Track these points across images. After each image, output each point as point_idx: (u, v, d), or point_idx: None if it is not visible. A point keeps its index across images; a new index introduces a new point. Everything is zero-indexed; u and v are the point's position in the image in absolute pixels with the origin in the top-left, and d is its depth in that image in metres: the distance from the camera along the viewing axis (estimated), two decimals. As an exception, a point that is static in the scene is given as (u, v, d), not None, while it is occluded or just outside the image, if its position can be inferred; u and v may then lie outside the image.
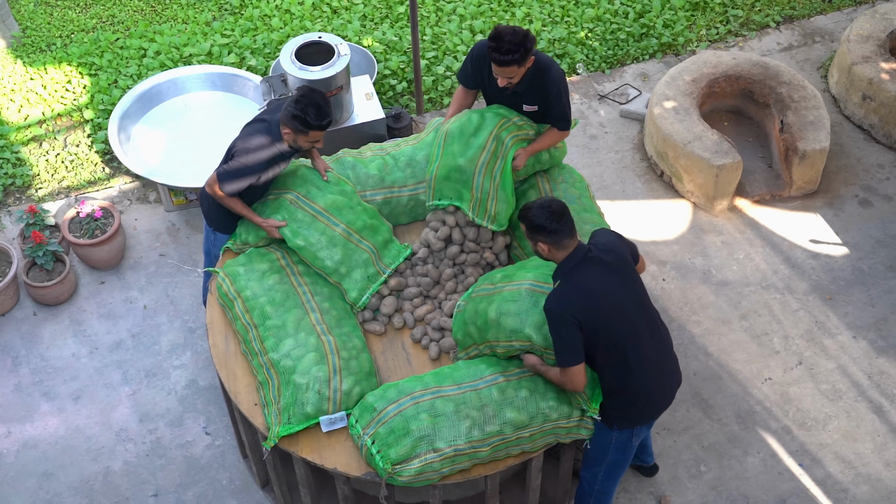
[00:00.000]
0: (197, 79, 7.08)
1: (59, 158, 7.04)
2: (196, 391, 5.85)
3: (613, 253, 4.30)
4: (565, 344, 4.17)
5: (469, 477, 4.46)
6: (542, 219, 4.18)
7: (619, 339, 4.23)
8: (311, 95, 4.80)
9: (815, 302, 6.25)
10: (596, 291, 4.17)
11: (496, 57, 4.81)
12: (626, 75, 7.73)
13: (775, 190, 6.83)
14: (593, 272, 4.20)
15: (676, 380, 4.56)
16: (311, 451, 4.51)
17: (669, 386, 4.52)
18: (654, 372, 4.38)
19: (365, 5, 8.21)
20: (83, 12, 8.26)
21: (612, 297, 4.20)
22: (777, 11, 8.23)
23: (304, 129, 4.79)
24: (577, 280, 4.19)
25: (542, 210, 4.20)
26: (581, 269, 4.20)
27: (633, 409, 4.43)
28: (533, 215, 4.22)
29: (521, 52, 4.78)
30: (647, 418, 4.50)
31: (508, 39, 4.75)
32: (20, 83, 7.47)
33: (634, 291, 4.33)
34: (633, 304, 4.30)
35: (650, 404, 4.47)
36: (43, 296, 6.17)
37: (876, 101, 7.07)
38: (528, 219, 4.23)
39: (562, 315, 4.13)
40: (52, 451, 5.61)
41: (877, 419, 5.70)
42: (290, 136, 4.86)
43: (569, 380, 4.26)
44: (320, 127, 4.80)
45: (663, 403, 4.51)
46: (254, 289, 4.91)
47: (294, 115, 4.77)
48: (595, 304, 4.16)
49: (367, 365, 4.71)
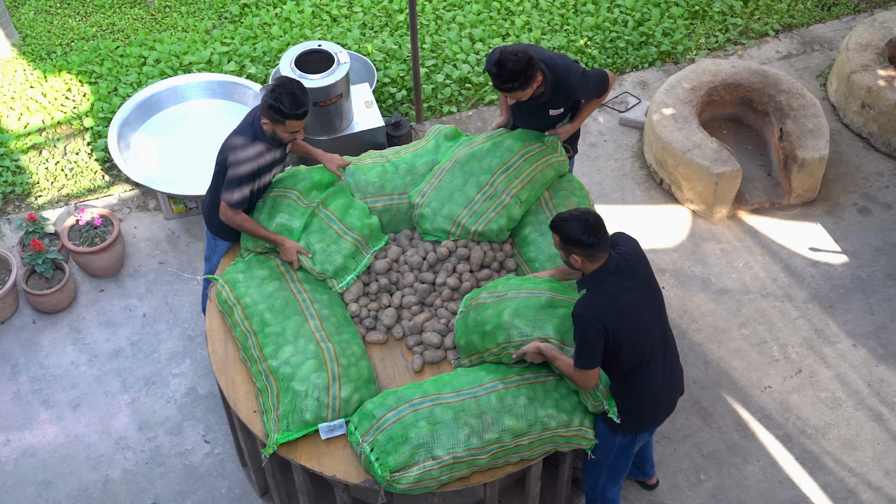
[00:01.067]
0: (197, 87, 7.09)
1: (58, 166, 7.04)
2: (195, 399, 5.84)
3: (639, 263, 4.29)
4: (589, 348, 4.16)
5: (468, 485, 4.45)
6: (578, 232, 4.12)
7: (639, 349, 4.25)
8: (287, 84, 4.75)
9: (814, 310, 6.24)
10: (623, 301, 4.17)
11: (498, 84, 4.92)
12: (625, 83, 7.74)
13: (774, 198, 6.83)
14: (621, 282, 4.19)
15: (680, 389, 4.60)
16: (310, 458, 4.50)
17: (674, 395, 4.56)
18: (663, 381, 4.42)
19: (365, 14, 8.22)
20: (83, 20, 8.27)
21: (636, 307, 4.21)
22: (776, 20, 8.25)
23: (281, 119, 4.76)
24: (606, 290, 4.18)
25: (577, 223, 4.13)
26: (611, 280, 4.18)
27: (639, 416, 4.45)
28: (569, 227, 4.15)
29: (521, 80, 4.89)
30: (651, 425, 4.54)
31: (510, 68, 4.85)
32: (20, 91, 7.48)
33: (654, 302, 4.34)
34: (653, 315, 4.31)
35: (656, 412, 4.50)
36: (42, 304, 6.16)
37: (875, 109, 7.08)
38: (563, 231, 4.16)
39: (590, 322, 4.11)
40: (51, 460, 5.61)
41: (877, 427, 5.70)
42: (269, 127, 4.85)
43: (581, 378, 4.27)
44: (296, 116, 4.76)
45: (667, 411, 4.55)
46: (253, 296, 4.91)
47: (269, 106, 4.74)
48: (622, 315, 4.15)
49: (366, 372, 4.71)
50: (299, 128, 4.86)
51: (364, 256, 5.10)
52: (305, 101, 4.77)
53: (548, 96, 5.12)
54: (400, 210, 5.34)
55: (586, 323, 4.13)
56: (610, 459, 4.65)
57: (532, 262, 5.10)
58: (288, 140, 4.94)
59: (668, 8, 8.25)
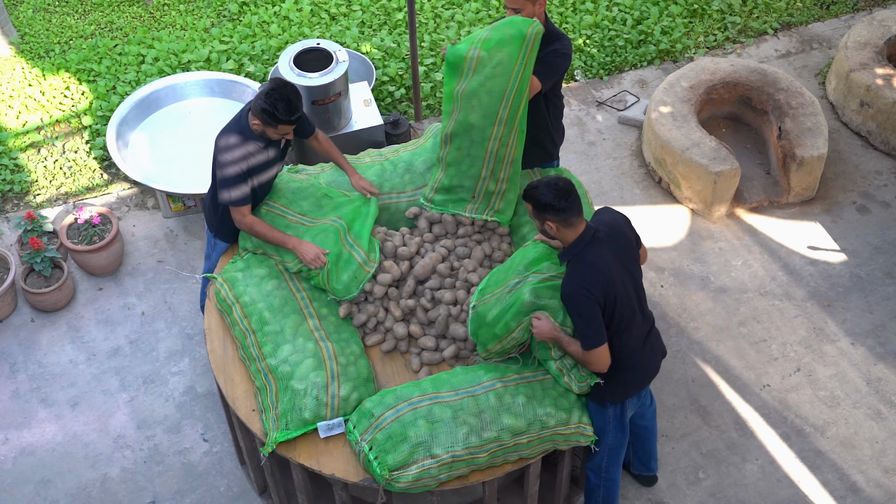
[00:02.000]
0: (195, 85, 7.09)
1: (57, 165, 7.04)
2: (194, 398, 5.84)
3: (617, 231, 4.34)
4: (589, 325, 4.18)
5: (467, 483, 4.45)
6: (549, 197, 4.16)
7: (620, 316, 4.28)
8: (282, 89, 4.74)
9: (813, 308, 6.25)
10: (603, 269, 4.19)
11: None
12: (624, 82, 7.74)
13: (773, 196, 6.83)
14: (600, 251, 4.22)
15: (661, 351, 4.65)
16: (309, 457, 4.50)
17: (654, 357, 4.60)
18: (642, 345, 4.47)
19: (363, 12, 8.22)
20: (81, 19, 8.26)
21: (615, 274, 4.24)
22: (775, 18, 8.25)
23: (273, 123, 4.76)
24: (586, 260, 4.20)
25: (548, 188, 4.18)
26: (589, 249, 4.22)
27: (623, 382, 4.50)
28: (540, 194, 4.19)
29: None
30: (636, 388, 4.57)
31: None
32: (18, 89, 7.47)
33: (631, 268, 4.38)
34: (631, 281, 4.36)
35: (639, 375, 4.55)
36: (41, 302, 6.16)
37: (874, 107, 7.08)
38: (535, 198, 4.20)
39: (582, 296, 4.14)
40: (49, 458, 5.60)
41: (875, 425, 5.70)
42: (258, 127, 4.83)
43: (594, 360, 4.28)
44: (289, 122, 4.76)
45: (650, 373, 4.60)
46: (252, 294, 4.91)
47: (263, 109, 4.73)
48: (605, 282, 4.18)
49: (365, 371, 4.71)
50: (289, 131, 4.87)
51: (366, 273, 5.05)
52: (299, 106, 4.77)
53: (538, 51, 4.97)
54: (398, 209, 5.34)
55: (578, 299, 4.15)
56: (609, 439, 4.68)
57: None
58: (277, 139, 4.93)
59: (666, 6, 8.25)
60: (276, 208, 5.14)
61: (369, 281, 4.93)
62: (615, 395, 4.54)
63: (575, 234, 4.24)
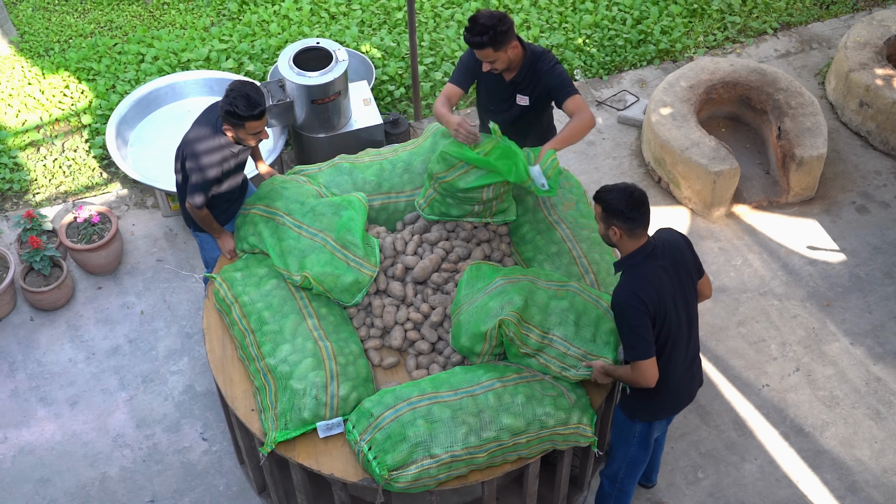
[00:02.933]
0: (195, 84, 7.09)
1: (56, 163, 7.04)
2: (193, 397, 5.84)
3: (676, 250, 4.29)
4: (637, 336, 4.12)
5: (466, 483, 4.45)
6: (622, 204, 4.10)
7: (666, 334, 4.23)
8: (241, 87, 4.74)
9: (812, 308, 6.25)
10: (656, 284, 4.15)
11: (468, 38, 4.86)
12: (623, 81, 7.74)
13: (773, 196, 6.83)
14: (655, 266, 4.18)
15: (699, 380, 4.60)
16: (308, 456, 4.50)
17: (692, 386, 4.55)
18: (684, 370, 4.41)
19: (363, 11, 8.22)
20: (81, 17, 8.26)
21: (667, 292, 4.19)
22: (774, 18, 8.25)
23: (239, 122, 4.75)
24: (642, 272, 4.16)
25: (622, 194, 4.11)
26: (646, 263, 4.18)
27: (657, 403, 4.45)
28: (612, 198, 4.12)
29: (490, 34, 4.82)
30: (667, 413, 4.53)
31: (482, 22, 4.82)
32: (18, 88, 7.47)
33: (685, 290, 4.31)
34: (683, 303, 4.29)
35: (675, 400, 4.49)
36: (40, 301, 6.16)
37: (873, 107, 7.08)
38: (607, 202, 4.14)
39: (633, 306, 4.09)
40: (48, 457, 5.60)
41: (874, 425, 5.70)
42: (232, 134, 4.84)
43: (641, 373, 4.20)
44: (253, 117, 4.74)
45: (685, 400, 4.54)
46: (251, 294, 4.91)
47: (227, 111, 4.74)
48: (657, 297, 4.14)
49: (364, 371, 4.70)
50: (260, 128, 4.84)
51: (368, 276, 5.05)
52: (261, 100, 4.75)
53: (521, 76, 5.08)
54: (397, 208, 5.33)
55: (628, 308, 4.09)
56: (630, 452, 4.65)
57: (530, 261, 5.09)
58: (255, 142, 4.92)
59: (666, 6, 8.25)
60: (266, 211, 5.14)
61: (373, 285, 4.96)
62: (646, 413, 4.50)
63: (635, 246, 4.19)
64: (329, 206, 5.08)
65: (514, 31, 4.92)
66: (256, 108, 4.72)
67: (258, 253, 5.15)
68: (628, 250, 4.21)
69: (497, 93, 5.27)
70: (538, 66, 5.10)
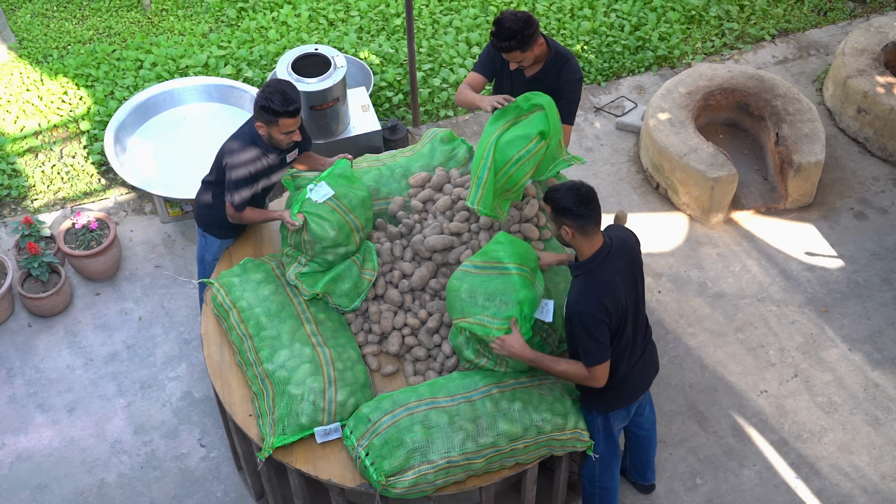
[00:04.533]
0: (193, 90, 7.09)
1: (54, 170, 7.04)
2: (191, 403, 5.84)
3: (628, 247, 4.33)
4: (597, 343, 4.15)
5: (464, 489, 4.45)
6: (569, 201, 4.13)
7: (621, 334, 4.28)
8: (276, 84, 4.77)
9: (810, 314, 6.25)
10: (615, 289, 4.18)
11: (495, 42, 4.89)
12: (621, 88, 7.75)
13: (771, 202, 6.84)
14: (612, 267, 4.20)
15: (654, 367, 4.65)
16: (306, 462, 4.50)
17: (646, 374, 4.59)
18: (634, 360, 4.46)
19: (361, 17, 8.23)
20: (80, 24, 8.27)
21: (622, 293, 4.23)
22: (772, 25, 8.26)
23: (274, 118, 4.77)
24: (600, 277, 4.18)
25: (570, 192, 4.15)
26: (604, 265, 4.20)
27: (611, 394, 4.48)
28: (560, 196, 4.16)
29: (518, 38, 4.84)
30: (623, 402, 4.56)
31: (508, 26, 4.84)
32: (16, 94, 7.47)
33: (636, 286, 4.37)
34: (633, 299, 4.34)
35: (628, 390, 4.53)
36: (38, 307, 6.16)
37: (871, 114, 7.09)
38: (556, 200, 4.17)
39: (594, 316, 4.11)
40: (46, 464, 5.59)
41: (872, 431, 5.70)
42: (264, 131, 4.86)
43: (595, 376, 4.25)
44: (288, 114, 4.76)
45: (640, 390, 4.60)
46: (249, 299, 4.91)
47: (262, 106, 4.76)
48: (616, 301, 4.17)
49: (361, 376, 4.70)
50: (294, 127, 4.85)
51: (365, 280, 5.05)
52: (296, 98, 4.78)
53: (543, 73, 5.10)
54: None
55: (589, 318, 4.11)
56: (598, 449, 4.68)
57: None
58: (285, 144, 4.94)
59: (664, 13, 8.27)
60: None
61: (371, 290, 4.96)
62: (601, 406, 4.54)
63: (590, 245, 4.20)
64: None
65: (539, 31, 4.94)
66: (291, 104, 4.75)
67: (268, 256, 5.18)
68: (584, 252, 4.22)
69: (517, 87, 5.27)
70: (562, 71, 5.11)
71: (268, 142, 4.92)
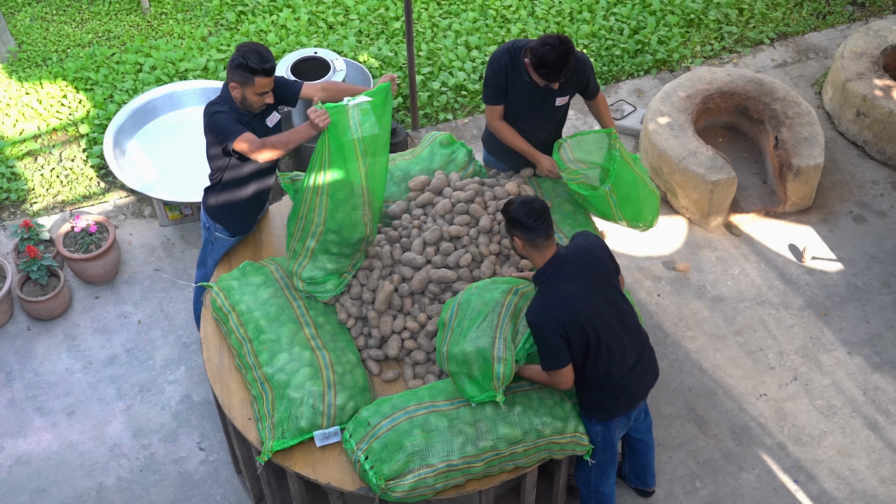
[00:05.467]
0: (193, 94, 7.09)
1: (54, 173, 7.04)
2: (190, 406, 5.83)
3: (590, 256, 4.39)
4: (550, 351, 4.26)
5: (463, 492, 4.45)
6: (520, 214, 4.27)
7: (597, 336, 4.30)
8: (251, 45, 4.77)
9: (809, 318, 6.25)
10: (569, 296, 4.25)
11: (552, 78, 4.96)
12: (620, 91, 7.75)
13: (770, 206, 6.84)
14: (566, 275, 4.29)
15: (653, 373, 4.65)
16: (305, 465, 4.50)
17: (644, 380, 4.60)
18: (630, 367, 4.47)
19: (361, 21, 8.23)
20: (79, 27, 8.27)
21: (584, 302, 4.27)
22: (771, 28, 8.27)
23: (249, 77, 4.73)
24: (554, 287, 4.28)
25: (522, 206, 4.29)
26: (557, 275, 4.29)
27: (610, 401, 4.50)
28: (513, 209, 4.31)
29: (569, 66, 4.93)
30: (622, 410, 4.56)
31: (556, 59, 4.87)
32: (16, 98, 7.47)
33: (608, 294, 4.40)
34: (603, 304, 4.35)
35: (627, 396, 4.54)
36: (37, 310, 6.15)
37: (870, 117, 7.09)
38: (508, 212, 4.33)
39: (545, 326, 4.22)
40: (45, 467, 5.59)
41: (872, 435, 5.70)
42: (238, 93, 4.81)
43: (556, 380, 4.36)
44: (264, 72, 4.73)
45: (639, 396, 4.60)
46: (248, 303, 4.91)
47: (238, 65, 4.72)
48: (572, 309, 4.23)
49: (361, 380, 4.70)
50: (268, 87, 4.82)
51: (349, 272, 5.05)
52: (271, 58, 4.76)
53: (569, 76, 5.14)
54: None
55: (542, 329, 4.23)
56: (596, 456, 4.69)
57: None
58: (258, 106, 4.87)
59: (663, 16, 8.27)
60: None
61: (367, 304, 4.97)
62: (601, 413, 4.54)
63: (541, 257, 4.32)
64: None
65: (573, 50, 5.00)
66: (267, 62, 4.73)
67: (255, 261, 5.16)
68: (538, 263, 4.35)
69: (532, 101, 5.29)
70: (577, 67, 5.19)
71: (241, 104, 4.87)
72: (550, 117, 5.39)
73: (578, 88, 5.36)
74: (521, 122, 5.37)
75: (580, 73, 5.23)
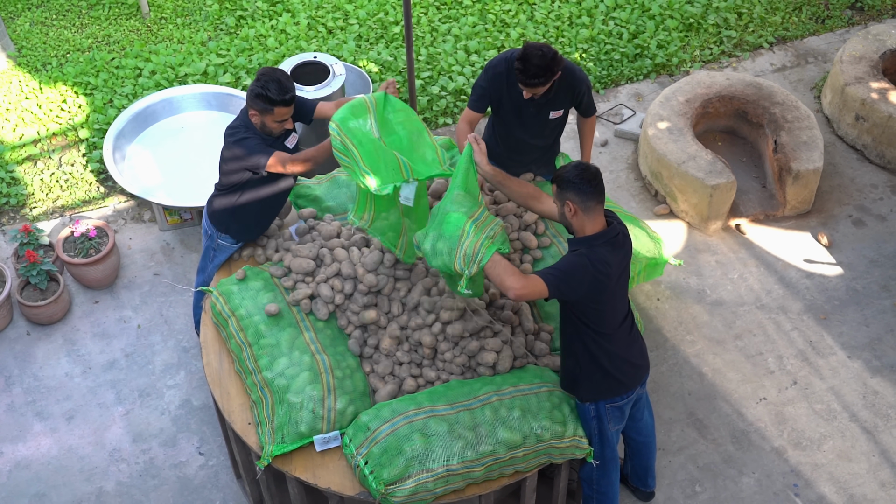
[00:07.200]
0: (192, 98, 7.10)
1: (53, 177, 7.04)
2: (190, 411, 5.83)
3: (628, 240, 4.36)
4: (571, 277, 4.13)
5: (463, 497, 4.44)
6: (573, 175, 4.18)
7: (607, 316, 4.31)
8: (271, 73, 4.76)
9: (809, 322, 6.25)
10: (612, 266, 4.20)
11: (522, 79, 4.94)
12: (620, 95, 7.76)
13: (769, 210, 6.84)
14: (610, 251, 4.22)
15: (645, 366, 4.65)
16: (305, 470, 4.50)
17: (636, 372, 4.59)
18: (626, 352, 4.48)
19: (360, 26, 8.24)
20: (79, 32, 8.28)
21: (612, 277, 4.24)
22: (770, 32, 8.28)
23: (269, 107, 4.76)
24: (601, 254, 4.19)
25: (576, 168, 4.21)
26: (606, 247, 4.22)
27: (598, 382, 4.48)
28: (566, 171, 4.21)
29: (546, 75, 4.91)
30: (612, 393, 4.53)
31: (536, 63, 4.87)
32: (15, 102, 7.48)
33: (625, 277, 4.40)
34: (621, 290, 4.37)
35: (618, 381, 4.52)
36: (36, 315, 6.15)
37: (869, 121, 7.10)
38: (560, 175, 4.23)
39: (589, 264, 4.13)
40: (44, 472, 5.59)
41: (871, 439, 5.70)
42: (258, 120, 4.84)
43: (528, 285, 4.10)
44: (283, 102, 4.75)
45: (630, 384, 4.57)
46: (248, 307, 4.91)
47: (257, 94, 4.74)
48: (603, 279, 4.18)
49: (361, 384, 4.70)
50: (287, 115, 4.85)
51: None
52: (291, 87, 4.77)
53: (553, 92, 5.15)
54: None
55: (584, 261, 4.13)
56: (594, 453, 4.68)
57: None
58: (277, 132, 4.92)
59: (662, 20, 8.28)
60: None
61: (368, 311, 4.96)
62: (589, 393, 4.52)
63: (592, 225, 4.22)
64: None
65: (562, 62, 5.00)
66: (287, 93, 4.75)
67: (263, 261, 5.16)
68: (586, 231, 4.24)
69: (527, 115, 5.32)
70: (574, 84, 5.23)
71: (260, 129, 4.90)
72: (544, 128, 5.42)
73: (574, 103, 5.39)
74: (516, 131, 5.41)
75: (573, 88, 5.25)
